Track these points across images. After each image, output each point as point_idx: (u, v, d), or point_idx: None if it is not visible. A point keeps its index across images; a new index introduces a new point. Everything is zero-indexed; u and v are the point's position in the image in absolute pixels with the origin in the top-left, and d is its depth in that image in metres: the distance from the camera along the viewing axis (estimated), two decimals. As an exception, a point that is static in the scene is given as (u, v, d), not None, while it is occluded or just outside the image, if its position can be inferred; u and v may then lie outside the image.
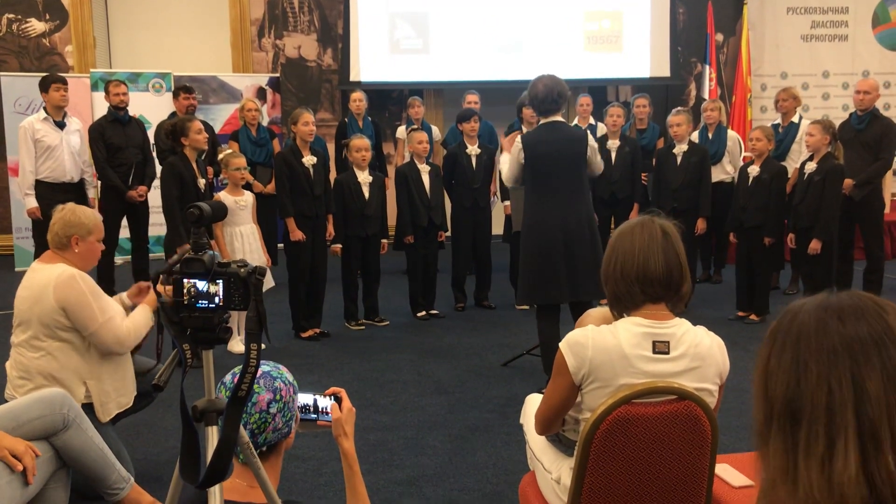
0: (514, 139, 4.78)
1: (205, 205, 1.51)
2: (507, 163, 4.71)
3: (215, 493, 1.49)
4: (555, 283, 4.48)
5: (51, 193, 6.61)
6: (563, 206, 4.49)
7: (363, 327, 6.09)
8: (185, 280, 1.50)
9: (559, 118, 4.59)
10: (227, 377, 1.79)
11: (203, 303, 1.50)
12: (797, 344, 1.01)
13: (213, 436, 1.52)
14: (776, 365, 1.03)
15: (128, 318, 3.31)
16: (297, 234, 5.62)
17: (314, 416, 1.98)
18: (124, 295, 3.49)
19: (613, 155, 6.68)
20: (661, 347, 2.09)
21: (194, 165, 5.22)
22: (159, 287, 1.48)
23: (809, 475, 0.97)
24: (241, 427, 1.58)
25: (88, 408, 3.21)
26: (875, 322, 0.99)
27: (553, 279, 4.48)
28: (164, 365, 1.55)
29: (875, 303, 1.02)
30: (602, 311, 2.36)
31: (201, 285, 1.50)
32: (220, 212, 1.58)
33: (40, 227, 6.47)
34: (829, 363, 0.98)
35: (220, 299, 1.50)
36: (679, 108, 6.77)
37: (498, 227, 7.24)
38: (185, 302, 1.50)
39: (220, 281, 1.49)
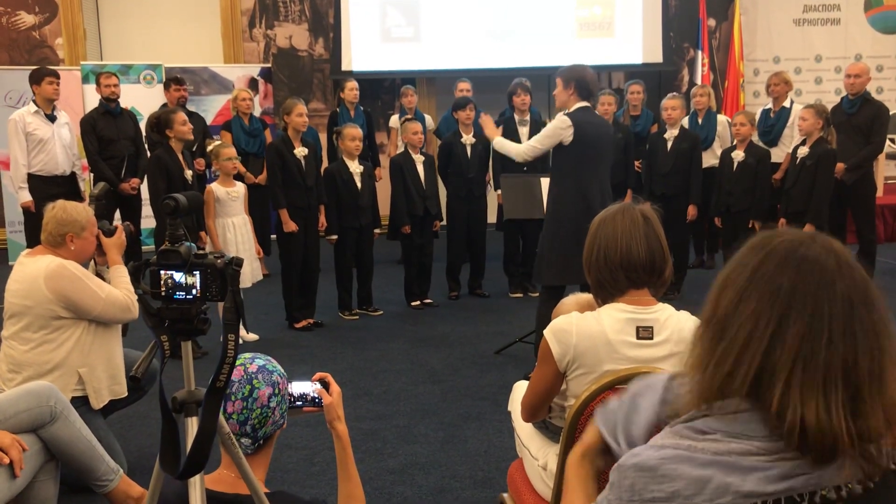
0: (489, 120, 4.88)
1: (180, 196, 1.51)
2: (534, 142, 4.59)
3: (195, 484, 1.49)
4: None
5: (44, 187, 6.61)
6: (605, 190, 4.51)
7: (357, 317, 6.09)
8: (162, 272, 1.50)
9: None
10: None
11: (180, 294, 1.50)
12: (755, 274, 1.10)
13: (192, 427, 1.52)
14: (732, 282, 1.12)
15: (114, 282, 3.34)
16: (291, 226, 5.61)
17: (300, 403, 1.99)
18: (91, 265, 3.49)
19: None
20: (644, 333, 2.10)
21: (180, 157, 5.20)
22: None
23: (708, 379, 1.10)
24: (221, 417, 1.58)
25: (81, 400, 3.23)
26: (826, 279, 1.06)
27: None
28: (141, 356, 1.56)
29: (839, 264, 1.08)
30: (577, 297, 2.37)
31: (178, 277, 1.50)
32: (196, 203, 1.58)
33: (32, 220, 6.47)
34: (768, 302, 1.06)
35: (197, 290, 1.50)
36: (674, 93, 6.77)
37: (492, 216, 7.25)
38: (163, 293, 1.50)
39: (198, 272, 1.49)
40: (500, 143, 4.80)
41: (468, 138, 6.54)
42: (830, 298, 1.04)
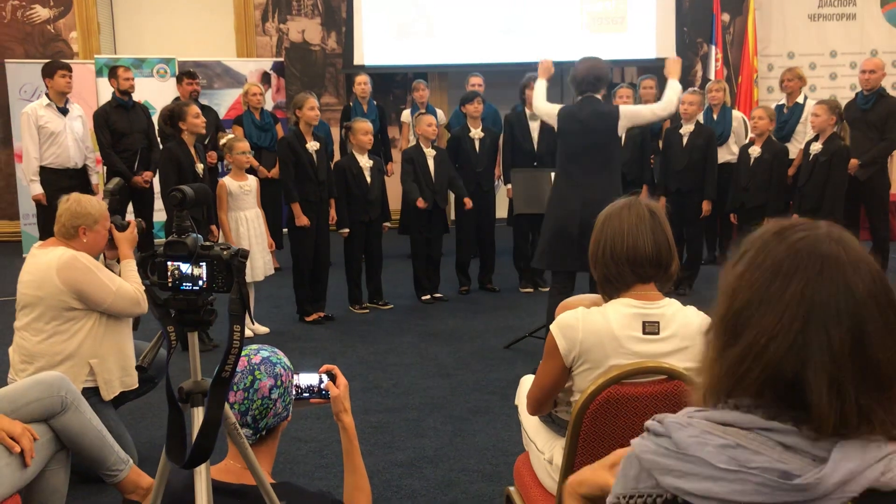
0: (548, 65, 5.01)
1: (187, 188, 1.52)
2: (540, 104, 4.88)
3: (201, 473, 1.51)
4: (569, 252, 4.52)
5: (55, 179, 6.66)
6: (588, 182, 4.55)
7: (367, 311, 6.11)
8: (169, 263, 1.51)
9: (596, 97, 4.66)
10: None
11: (187, 285, 1.51)
12: (773, 278, 1.06)
13: (198, 416, 1.53)
14: (748, 285, 1.08)
15: (124, 275, 3.38)
16: (303, 220, 5.63)
17: (307, 395, 2.01)
18: (101, 259, 3.52)
19: (622, 137, 6.61)
20: (650, 328, 2.10)
21: (192, 150, 5.22)
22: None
23: (716, 381, 1.09)
24: (228, 407, 1.60)
25: (92, 391, 3.26)
26: (846, 286, 1.03)
27: (568, 248, 4.51)
28: (148, 346, 1.57)
29: (854, 261, 1.05)
30: (584, 297, 2.37)
31: (185, 268, 1.51)
32: (204, 195, 1.59)
33: (45, 213, 6.52)
34: (791, 313, 1.03)
35: (203, 282, 1.51)
36: (693, 88, 6.75)
37: (502, 211, 7.24)
38: (170, 284, 1.51)
39: (204, 263, 1.50)
40: (539, 84, 4.99)
41: (476, 132, 6.54)
42: (854, 301, 1.02)
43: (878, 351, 1.01)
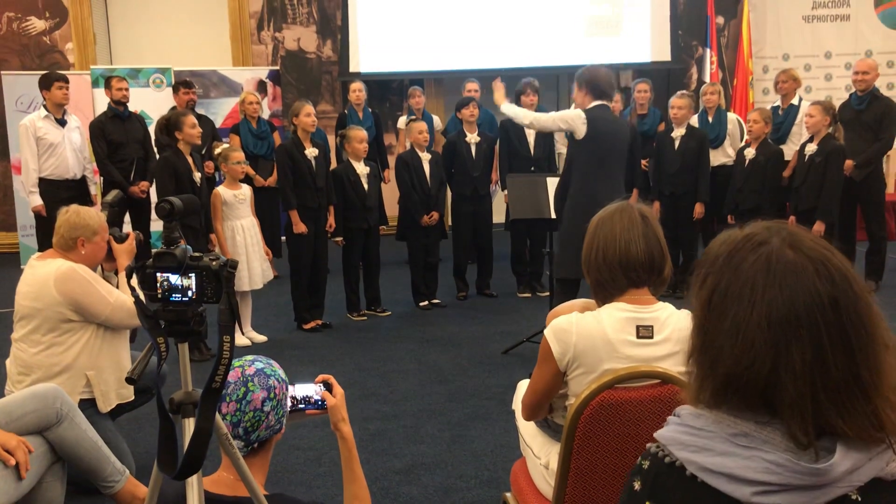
0: (500, 86, 4.90)
1: (175, 199, 1.53)
2: (547, 116, 4.74)
3: (193, 484, 1.51)
4: None
5: (54, 190, 6.67)
6: (615, 188, 4.51)
7: (365, 318, 6.11)
8: (159, 274, 1.51)
9: (609, 105, 4.62)
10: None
11: (177, 297, 1.51)
12: (736, 309, 1.08)
13: (189, 427, 1.53)
14: (718, 304, 1.11)
15: (122, 287, 3.39)
16: (301, 227, 5.63)
17: (302, 406, 2.00)
18: (98, 270, 3.53)
19: None
20: (644, 332, 2.10)
21: (189, 159, 5.23)
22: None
23: (695, 388, 1.14)
24: (219, 418, 1.59)
25: (89, 402, 3.26)
26: (810, 293, 1.06)
27: None
28: (138, 357, 1.57)
29: (816, 261, 1.08)
30: (576, 302, 2.37)
31: (174, 279, 1.51)
32: (192, 205, 1.60)
33: (44, 224, 6.52)
34: (761, 333, 1.06)
35: (193, 293, 1.51)
36: (682, 91, 6.74)
37: (499, 216, 7.24)
38: (159, 296, 1.51)
39: (193, 274, 1.50)
40: (508, 106, 4.87)
41: (472, 137, 6.54)
42: (820, 310, 1.04)
43: (834, 362, 1.04)
